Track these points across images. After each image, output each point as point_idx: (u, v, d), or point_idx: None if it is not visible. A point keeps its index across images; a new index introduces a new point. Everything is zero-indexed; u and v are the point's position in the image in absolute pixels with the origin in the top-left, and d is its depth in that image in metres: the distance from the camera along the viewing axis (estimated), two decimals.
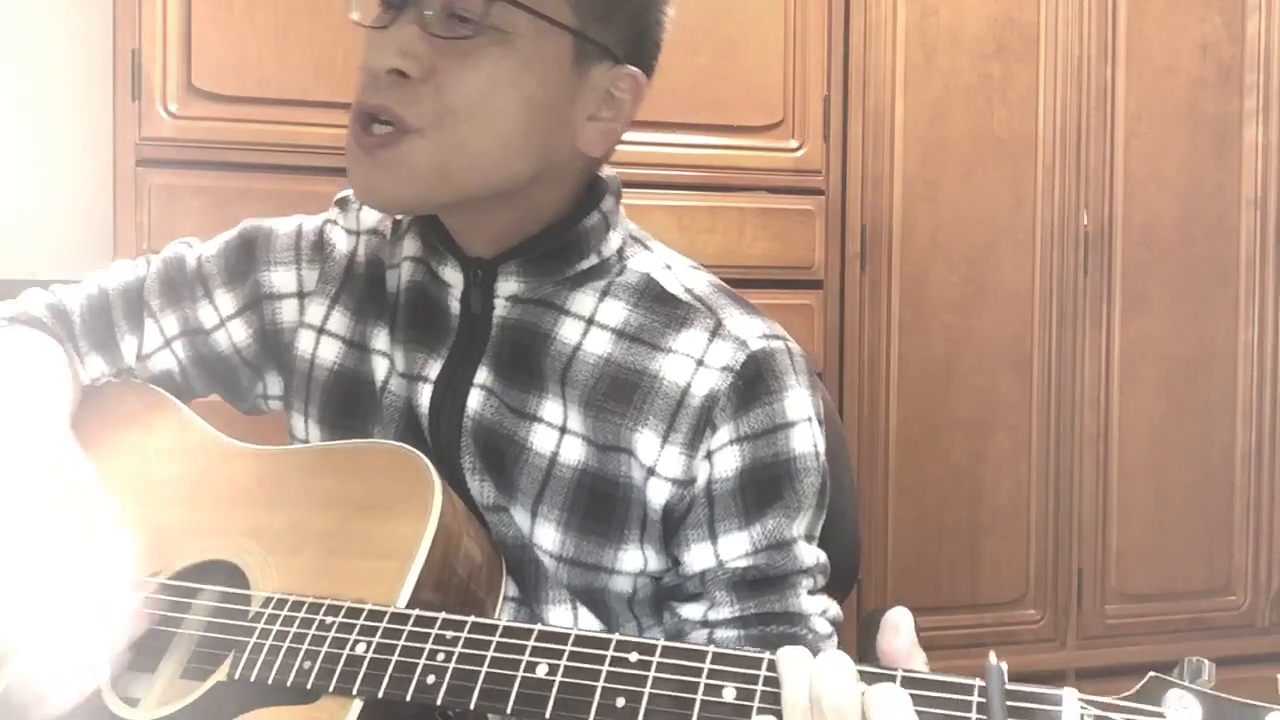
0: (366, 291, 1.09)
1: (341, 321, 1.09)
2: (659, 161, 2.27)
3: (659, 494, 0.96)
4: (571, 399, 0.98)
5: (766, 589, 0.96)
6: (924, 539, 2.54)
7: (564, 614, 1.00)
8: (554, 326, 1.00)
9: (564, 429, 0.98)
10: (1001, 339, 2.57)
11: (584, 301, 1.01)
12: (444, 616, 0.80)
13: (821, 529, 1.02)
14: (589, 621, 1.01)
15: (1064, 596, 2.62)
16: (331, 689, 0.80)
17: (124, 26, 2.04)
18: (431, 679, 0.77)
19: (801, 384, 0.98)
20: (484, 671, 0.76)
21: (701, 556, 0.97)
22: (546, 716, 0.73)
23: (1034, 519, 2.60)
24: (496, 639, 0.78)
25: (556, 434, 0.98)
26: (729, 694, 0.70)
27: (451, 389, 1.01)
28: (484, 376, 1.01)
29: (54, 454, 0.98)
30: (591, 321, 1.00)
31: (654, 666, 0.73)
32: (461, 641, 0.78)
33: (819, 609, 0.98)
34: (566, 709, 0.73)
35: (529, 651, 0.76)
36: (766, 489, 0.96)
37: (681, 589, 0.99)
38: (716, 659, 0.72)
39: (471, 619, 0.80)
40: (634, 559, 0.98)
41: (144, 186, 2.04)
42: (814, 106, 2.39)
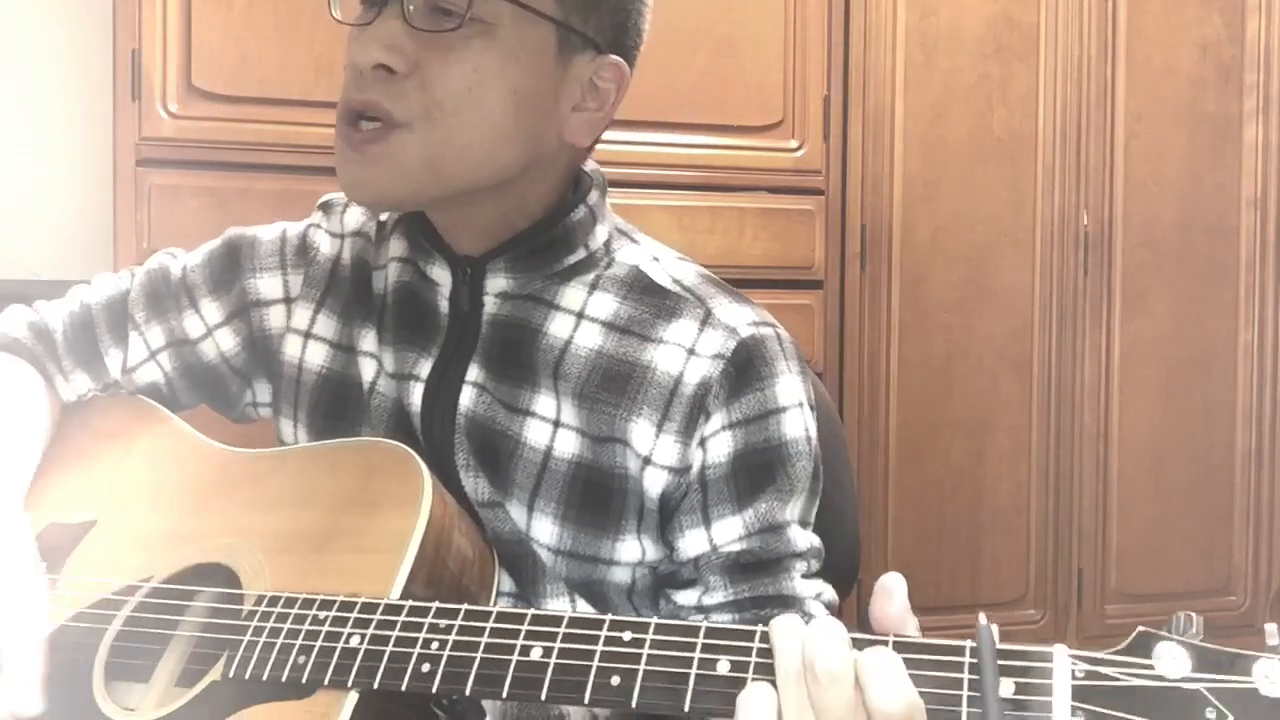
0: (353, 294, 1.08)
1: (328, 325, 1.08)
2: (659, 161, 2.26)
3: (656, 483, 0.97)
4: (564, 392, 0.98)
5: (760, 572, 0.96)
6: (924, 539, 2.54)
7: (563, 607, 1.00)
8: (544, 321, 1.00)
9: (558, 422, 0.98)
10: (1001, 339, 2.57)
11: (573, 295, 1.01)
12: (438, 606, 0.80)
13: (822, 530, 1.02)
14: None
15: (1064, 596, 2.62)
16: (326, 682, 0.79)
17: (124, 26, 2.05)
18: (426, 667, 0.77)
19: (792, 369, 0.99)
20: (479, 658, 0.76)
21: (695, 542, 0.97)
22: (542, 698, 0.73)
23: (1034, 519, 2.60)
24: (490, 625, 0.77)
25: (550, 428, 0.98)
26: (723, 667, 0.70)
27: (443, 387, 1.01)
28: (475, 374, 1.00)
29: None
30: (582, 315, 1.00)
31: (648, 644, 0.73)
32: (455, 629, 0.78)
33: (813, 592, 0.98)
34: (562, 690, 0.73)
35: (523, 635, 0.76)
36: (759, 473, 0.97)
37: (676, 575, 0.99)
38: (710, 633, 0.72)
39: (465, 607, 0.79)
40: (632, 549, 0.98)
41: (144, 186, 2.05)
42: (814, 106, 2.39)
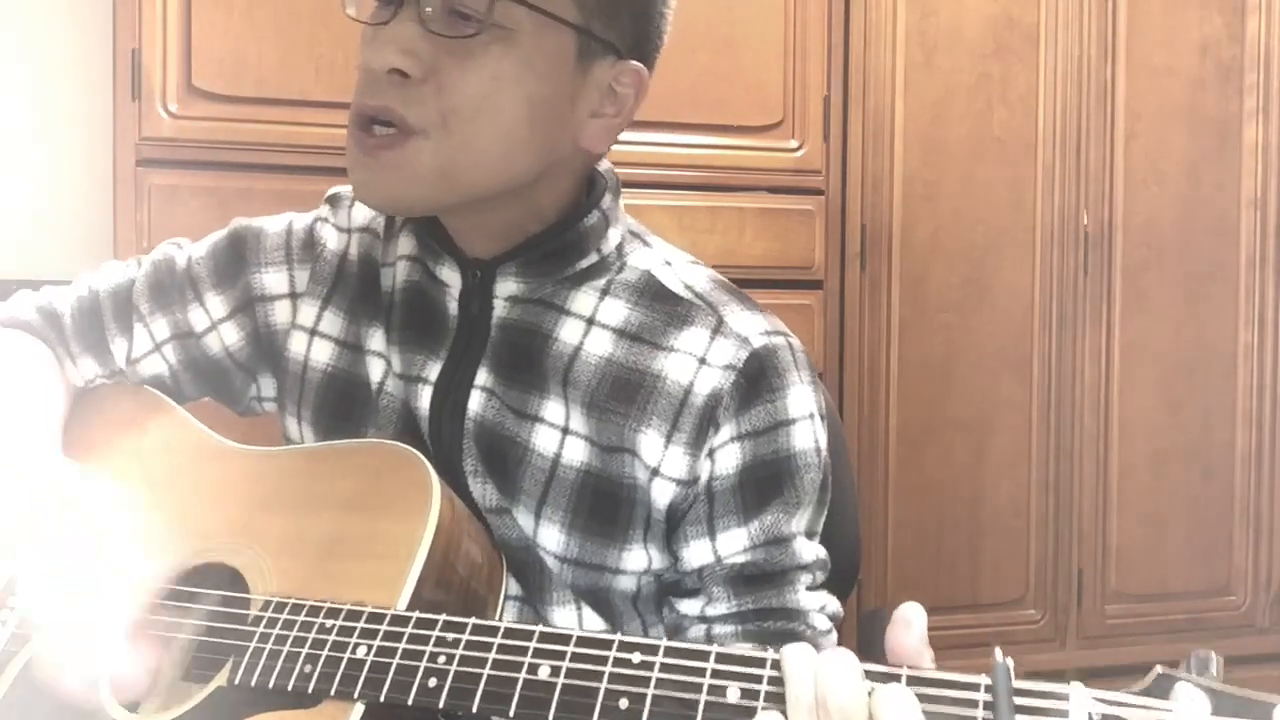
0: (360, 291, 1.07)
1: (334, 322, 1.07)
2: (659, 161, 2.26)
3: (664, 494, 0.96)
4: (574, 400, 0.97)
5: (764, 584, 0.96)
6: (924, 539, 2.54)
7: (569, 614, 1.00)
8: (554, 327, 0.99)
9: (566, 429, 0.97)
10: (1001, 339, 2.57)
11: (584, 301, 1.00)
12: (445, 619, 0.80)
13: (822, 530, 1.02)
14: (593, 621, 1.00)
15: (1064, 596, 2.62)
16: (333, 693, 0.79)
17: (124, 26, 2.04)
18: (433, 682, 0.77)
19: (804, 380, 0.98)
20: (486, 674, 0.76)
21: (700, 553, 0.97)
22: (550, 719, 0.73)
23: (1034, 519, 2.60)
24: (498, 640, 0.77)
25: (559, 435, 0.97)
26: (733, 694, 0.69)
27: (452, 391, 1.00)
28: (484, 378, 0.99)
29: (44, 457, 0.98)
30: (592, 321, 0.99)
31: (657, 667, 0.72)
32: (463, 644, 0.78)
33: (817, 605, 0.98)
34: (569, 711, 0.72)
35: (531, 653, 0.75)
36: (766, 485, 0.96)
37: (680, 584, 0.99)
38: (720, 659, 0.71)
39: (472, 621, 0.79)
40: (638, 558, 0.98)
41: (144, 186, 2.04)
42: (814, 106, 2.39)
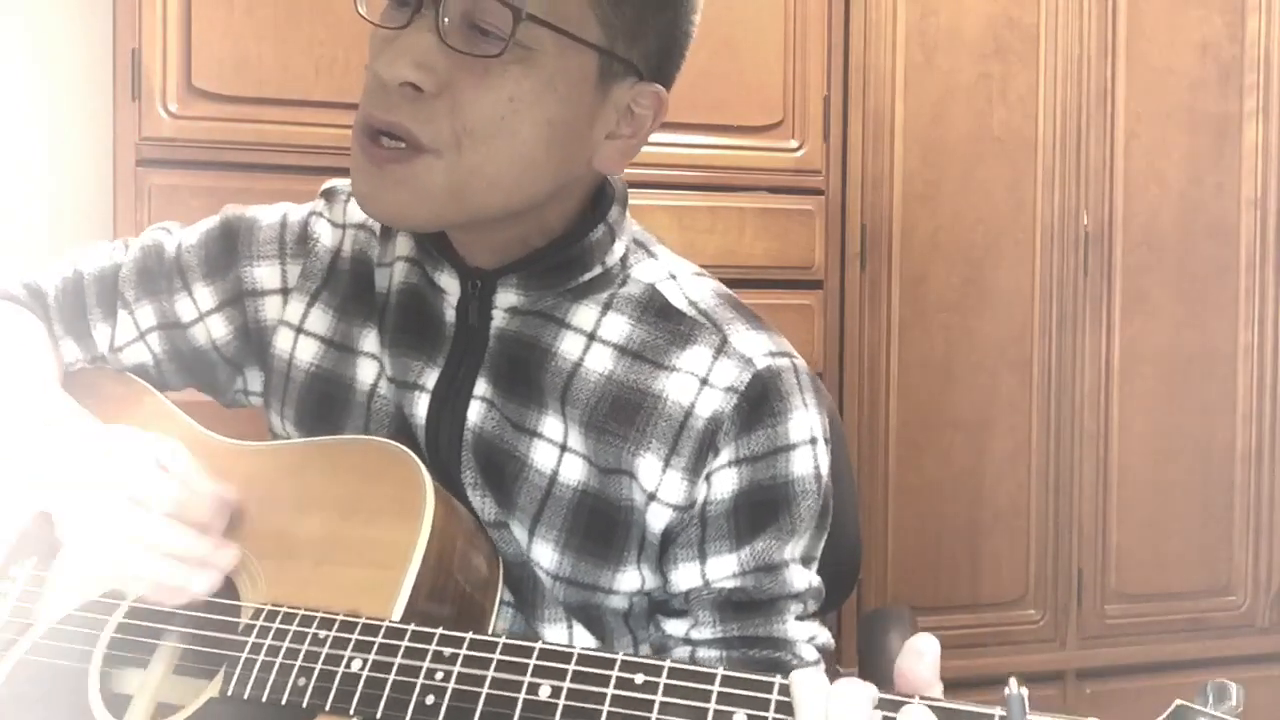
0: (352, 290, 1.04)
1: (322, 320, 1.04)
2: (659, 161, 2.25)
3: (659, 518, 0.94)
4: (572, 417, 0.95)
5: (752, 612, 0.94)
6: (924, 539, 2.54)
7: (559, 631, 0.99)
8: (554, 341, 0.97)
9: (565, 447, 0.95)
10: (1001, 339, 2.56)
11: (586, 315, 0.97)
12: (440, 632, 0.78)
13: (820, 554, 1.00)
14: (584, 638, 0.99)
15: (1064, 596, 2.62)
16: (328, 708, 0.78)
17: (124, 26, 2.04)
18: (431, 699, 0.75)
19: (807, 404, 0.96)
20: (485, 693, 0.74)
21: (688, 576, 0.95)
22: None
23: (1034, 519, 2.59)
24: (496, 657, 0.76)
25: (557, 451, 0.95)
26: (739, 719, 0.68)
27: (450, 400, 0.97)
28: (484, 388, 0.97)
29: (57, 406, 0.98)
30: (593, 337, 0.97)
31: (660, 689, 0.71)
32: (460, 660, 0.76)
33: (806, 635, 0.96)
34: None
35: (530, 671, 0.74)
36: (760, 511, 0.94)
37: (669, 603, 0.97)
38: (725, 682, 0.70)
39: (469, 635, 0.78)
40: (632, 579, 0.97)
41: (144, 186, 2.04)
42: (814, 106, 2.38)
